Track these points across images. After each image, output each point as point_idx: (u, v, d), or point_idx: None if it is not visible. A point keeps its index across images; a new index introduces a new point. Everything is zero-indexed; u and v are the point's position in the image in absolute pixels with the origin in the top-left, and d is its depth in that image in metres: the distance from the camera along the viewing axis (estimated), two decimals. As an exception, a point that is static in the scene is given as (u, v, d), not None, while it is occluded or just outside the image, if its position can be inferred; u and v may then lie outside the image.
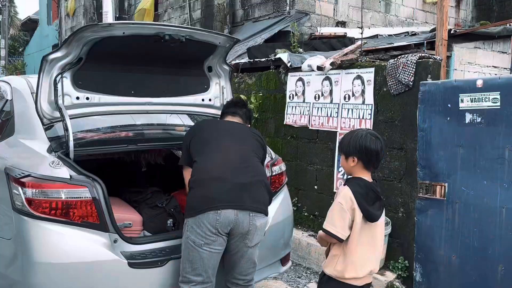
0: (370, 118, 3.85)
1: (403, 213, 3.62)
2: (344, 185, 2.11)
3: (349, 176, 2.17)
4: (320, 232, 2.16)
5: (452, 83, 3.16)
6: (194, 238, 2.26)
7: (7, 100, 3.07)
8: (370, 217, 2.06)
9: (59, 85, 2.55)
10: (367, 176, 2.11)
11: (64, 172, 2.17)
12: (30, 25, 26.29)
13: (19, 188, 2.15)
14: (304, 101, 4.54)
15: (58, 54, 2.45)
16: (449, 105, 3.13)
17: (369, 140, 2.05)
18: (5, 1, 22.30)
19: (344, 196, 2.04)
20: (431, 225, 3.26)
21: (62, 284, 2.11)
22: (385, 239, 3.55)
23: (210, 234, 2.26)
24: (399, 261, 3.58)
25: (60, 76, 2.53)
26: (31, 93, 2.87)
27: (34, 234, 2.11)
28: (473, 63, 5.27)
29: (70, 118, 2.50)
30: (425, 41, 4.84)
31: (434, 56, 3.59)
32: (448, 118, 3.14)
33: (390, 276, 3.53)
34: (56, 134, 2.66)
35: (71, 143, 2.40)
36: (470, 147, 3.05)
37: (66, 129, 2.45)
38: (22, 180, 2.16)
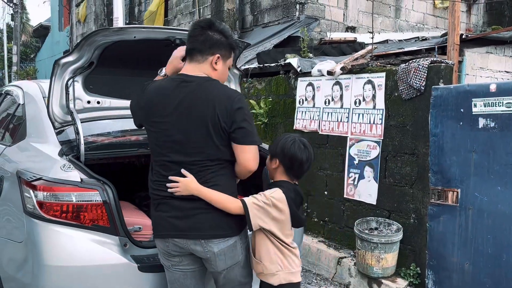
0: (381, 123, 3.82)
1: (415, 219, 3.57)
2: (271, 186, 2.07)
3: (272, 181, 2.14)
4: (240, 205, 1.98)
5: (465, 88, 3.13)
6: (162, 260, 2.09)
7: (19, 104, 3.10)
8: (299, 223, 2.09)
9: (70, 89, 2.57)
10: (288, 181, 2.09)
11: (75, 175, 2.18)
12: (42, 31, 26.66)
13: (31, 191, 2.16)
14: (314, 106, 4.52)
15: (70, 58, 2.46)
16: (461, 110, 3.09)
17: (296, 147, 2.03)
18: (17, 8, 22.63)
19: (280, 199, 1.99)
20: (443, 231, 3.22)
21: (71, 286, 2.10)
22: (396, 245, 3.51)
23: (170, 258, 2.04)
24: (411, 268, 3.53)
25: (71, 80, 2.54)
26: (43, 97, 2.90)
27: (45, 237, 2.11)
28: (485, 68, 5.22)
29: (81, 122, 2.51)
30: (436, 46, 4.81)
31: (446, 61, 3.56)
32: (461, 123, 3.10)
33: (401, 283, 3.48)
34: (67, 138, 2.68)
35: (82, 147, 2.42)
36: (484, 152, 3.01)
37: (77, 133, 2.46)
38: (34, 183, 2.17)
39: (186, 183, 1.90)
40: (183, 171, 1.92)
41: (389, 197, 3.78)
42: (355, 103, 4.06)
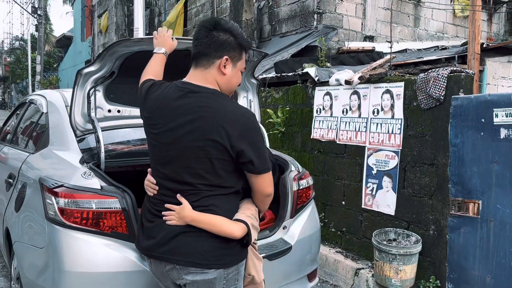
0: (400, 133, 3.78)
1: (434, 231, 3.51)
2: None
3: None
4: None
5: (486, 97, 3.08)
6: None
7: (42, 113, 3.18)
8: None
9: (92, 98, 2.63)
10: None
11: (95, 182, 2.22)
12: (65, 41, 27.34)
13: (52, 198, 2.21)
14: (331, 115, 4.51)
15: (92, 68, 2.52)
16: (482, 120, 3.04)
17: None
18: (41, 19, 23.26)
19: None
20: (464, 243, 3.15)
21: (91, 293, 2.13)
22: (415, 257, 3.45)
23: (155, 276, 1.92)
24: (430, 280, 3.46)
25: (93, 89, 2.60)
26: (65, 106, 2.97)
27: (65, 243, 2.14)
28: (507, 78, 5.14)
29: (102, 131, 2.56)
30: (456, 55, 4.76)
31: (466, 70, 3.52)
32: (482, 133, 3.05)
33: (420, 296, 3.41)
34: (88, 146, 2.73)
35: (103, 155, 2.46)
36: (505, 163, 2.95)
37: (98, 141, 2.51)
38: (55, 190, 2.21)
39: (179, 211, 1.73)
40: (178, 196, 1.75)
41: (408, 207, 3.73)
42: (373, 112, 4.04)
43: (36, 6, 25.79)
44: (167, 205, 1.76)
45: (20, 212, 2.63)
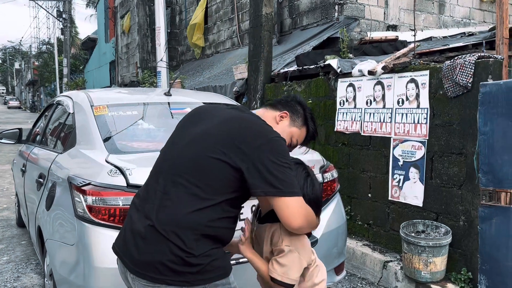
0: (426, 123, 3.70)
1: (465, 222, 3.42)
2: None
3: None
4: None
5: (516, 83, 2.97)
6: None
7: (69, 113, 3.26)
8: None
9: None
10: None
11: (121, 180, 2.25)
12: (89, 43, 27.89)
13: (81, 196, 2.26)
14: (355, 107, 4.45)
15: None
16: (513, 106, 2.94)
17: (317, 187, 1.66)
18: (66, 22, 23.78)
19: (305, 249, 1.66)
20: (496, 234, 3.06)
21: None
22: (445, 249, 3.37)
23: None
24: (462, 272, 3.38)
25: None
26: (91, 106, 3.02)
27: (94, 240, 2.19)
28: (538, 62, 4.93)
29: None
30: (483, 41, 4.60)
31: (494, 56, 3.40)
32: (512, 120, 2.95)
33: (452, 288, 3.34)
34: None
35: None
36: (538, 150, 2.84)
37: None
38: (83, 188, 2.26)
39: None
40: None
41: (436, 198, 3.65)
42: (398, 102, 3.96)
43: (61, 10, 26.41)
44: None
45: (51, 211, 2.70)
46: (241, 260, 2.14)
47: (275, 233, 1.62)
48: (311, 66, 5.37)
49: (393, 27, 7.74)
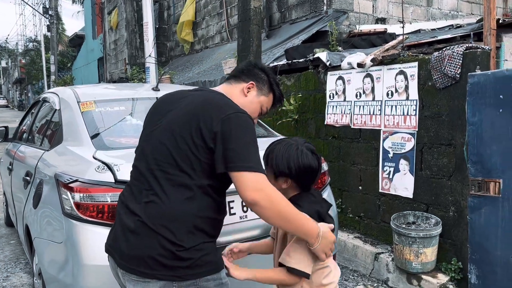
0: (415, 114, 3.71)
1: (454, 212, 3.45)
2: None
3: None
4: (279, 273, 1.63)
5: (504, 73, 2.99)
6: None
7: (55, 110, 3.20)
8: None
9: None
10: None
11: (109, 176, 2.22)
12: (77, 40, 27.55)
13: (68, 193, 2.23)
14: (345, 100, 4.44)
15: None
16: (501, 97, 2.96)
17: (310, 157, 1.64)
18: (53, 19, 23.47)
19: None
20: (485, 224, 3.09)
21: (110, 286, 2.14)
22: (436, 240, 3.40)
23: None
24: (452, 262, 3.41)
25: None
26: (77, 102, 2.98)
27: (82, 237, 2.16)
28: (525, 53, 4.97)
29: None
30: (471, 33, 4.63)
31: (482, 46, 3.41)
32: (501, 110, 2.96)
33: (442, 278, 3.36)
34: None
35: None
36: (526, 140, 2.86)
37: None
38: (71, 185, 2.23)
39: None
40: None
41: (426, 190, 3.67)
42: (387, 95, 3.96)
43: (47, 7, 26.05)
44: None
45: (38, 209, 2.66)
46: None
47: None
48: (301, 60, 5.35)
49: (382, 20, 7.74)
